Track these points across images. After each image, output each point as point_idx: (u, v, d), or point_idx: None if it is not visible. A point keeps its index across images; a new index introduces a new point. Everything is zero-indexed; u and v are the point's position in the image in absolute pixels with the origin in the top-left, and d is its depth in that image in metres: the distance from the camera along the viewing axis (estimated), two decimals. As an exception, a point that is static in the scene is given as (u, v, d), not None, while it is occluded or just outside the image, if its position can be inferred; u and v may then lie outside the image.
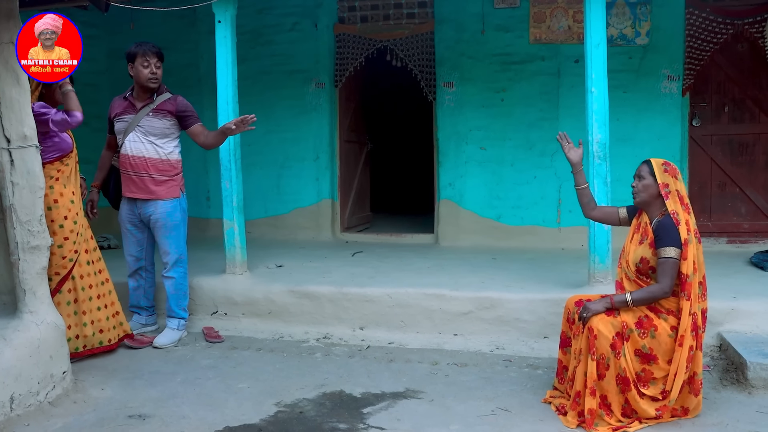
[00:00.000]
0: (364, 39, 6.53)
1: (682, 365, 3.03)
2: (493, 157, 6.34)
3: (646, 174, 3.25)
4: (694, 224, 3.15)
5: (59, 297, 3.96)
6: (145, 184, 4.35)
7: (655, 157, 3.36)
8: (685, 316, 3.04)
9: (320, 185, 6.84)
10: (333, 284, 4.77)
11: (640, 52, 5.95)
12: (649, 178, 3.22)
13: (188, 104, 4.45)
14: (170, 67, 7.04)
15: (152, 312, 4.71)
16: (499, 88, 6.25)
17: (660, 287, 3.09)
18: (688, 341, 3.04)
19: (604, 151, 4.31)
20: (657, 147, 5.90)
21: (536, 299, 4.38)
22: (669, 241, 3.09)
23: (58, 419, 3.24)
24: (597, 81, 4.25)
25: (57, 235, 3.90)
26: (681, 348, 3.04)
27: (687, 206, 3.18)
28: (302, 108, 6.78)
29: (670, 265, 3.07)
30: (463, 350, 4.25)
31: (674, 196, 3.16)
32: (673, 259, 3.07)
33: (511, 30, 6.16)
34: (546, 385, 3.60)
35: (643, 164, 3.31)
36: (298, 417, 3.26)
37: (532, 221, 6.29)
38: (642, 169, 3.30)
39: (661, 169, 3.22)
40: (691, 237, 3.09)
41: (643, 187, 3.24)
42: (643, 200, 3.26)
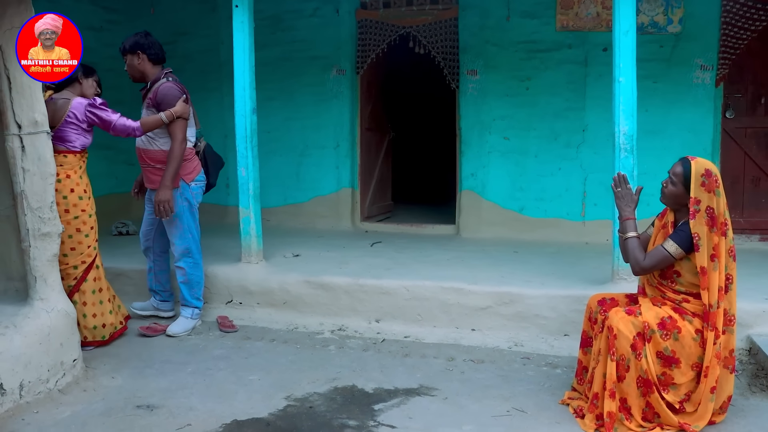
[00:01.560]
0: (386, 25, 6.40)
1: (707, 395, 2.89)
2: (517, 147, 6.18)
3: (678, 181, 2.97)
4: (725, 245, 2.89)
5: (85, 285, 4.01)
6: (147, 174, 4.38)
7: (684, 151, 3.13)
8: (709, 346, 2.88)
9: (340, 173, 6.75)
10: (349, 275, 4.69)
11: (672, 40, 5.73)
12: (679, 187, 2.97)
13: (167, 93, 4.19)
14: (190, 53, 7.07)
15: (166, 298, 4.68)
16: (523, 77, 6.09)
17: (639, 260, 3.05)
18: (714, 371, 2.89)
19: (631, 144, 4.14)
20: (687, 140, 5.70)
21: (557, 295, 4.25)
22: (678, 239, 2.95)
23: (66, 407, 3.21)
24: (625, 70, 4.08)
25: (86, 225, 3.98)
26: (706, 379, 2.89)
27: (722, 225, 2.89)
28: (323, 95, 6.68)
29: (661, 257, 2.98)
30: (480, 346, 4.15)
31: (702, 216, 2.88)
32: (668, 254, 2.96)
33: (537, 16, 5.97)
34: (565, 385, 3.49)
35: (679, 164, 2.99)
36: (307, 412, 3.19)
37: (555, 214, 6.13)
38: (676, 170, 2.99)
39: (699, 182, 2.89)
40: (716, 264, 2.87)
41: (671, 194, 3.02)
42: (669, 204, 3.09)
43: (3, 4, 3.21)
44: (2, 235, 3.52)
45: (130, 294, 4.91)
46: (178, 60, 7.06)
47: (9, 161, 3.31)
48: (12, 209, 3.42)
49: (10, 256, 3.53)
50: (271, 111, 6.69)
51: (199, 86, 6.95)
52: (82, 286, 3.98)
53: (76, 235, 3.94)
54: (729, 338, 2.95)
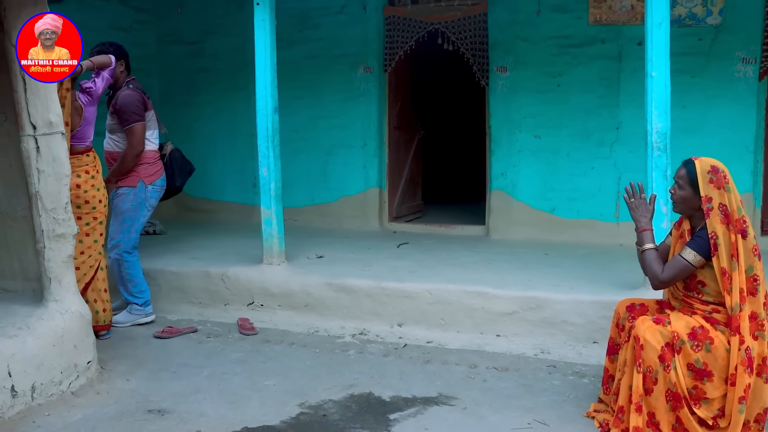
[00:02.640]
0: (414, 21, 6.27)
1: (736, 406, 2.69)
2: (548, 146, 5.99)
3: (685, 183, 2.83)
4: (745, 244, 2.72)
5: (101, 273, 4.20)
6: None
7: (725, 148, 2.94)
8: (734, 352, 2.69)
9: (368, 173, 6.65)
10: (372, 278, 4.58)
11: (712, 32, 5.46)
12: (687, 190, 2.82)
13: (127, 102, 4.34)
14: (218, 52, 7.06)
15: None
16: (555, 73, 5.88)
17: (658, 272, 2.87)
18: (742, 380, 2.68)
19: (664, 142, 3.94)
20: (728, 137, 5.42)
21: (586, 300, 4.07)
22: (697, 246, 2.78)
23: (78, 410, 3.18)
24: (657, 64, 3.88)
25: (103, 215, 4.15)
26: (734, 388, 2.69)
27: (738, 223, 2.72)
28: (350, 93, 6.59)
29: (680, 266, 2.81)
30: (505, 353, 4.00)
31: (716, 213, 2.73)
32: (687, 263, 2.78)
33: (568, 10, 5.76)
34: (591, 396, 3.32)
35: (683, 167, 2.87)
36: (320, 420, 3.09)
37: (588, 215, 5.92)
38: (680, 173, 2.86)
39: (706, 179, 2.76)
40: (735, 264, 2.70)
41: (681, 199, 2.87)
42: (682, 211, 2.92)
43: (19, 4, 3.20)
44: (20, 235, 3.52)
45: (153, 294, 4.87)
46: (207, 59, 7.09)
47: (24, 162, 3.29)
48: (28, 210, 3.41)
49: (28, 257, 3.53)
50: (298, 109, 6.63)
51: (227, 86, 6.97)
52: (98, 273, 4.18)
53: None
54: (762, 345, 2.74)
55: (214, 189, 7.26)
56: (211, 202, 7.28)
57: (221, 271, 4.83)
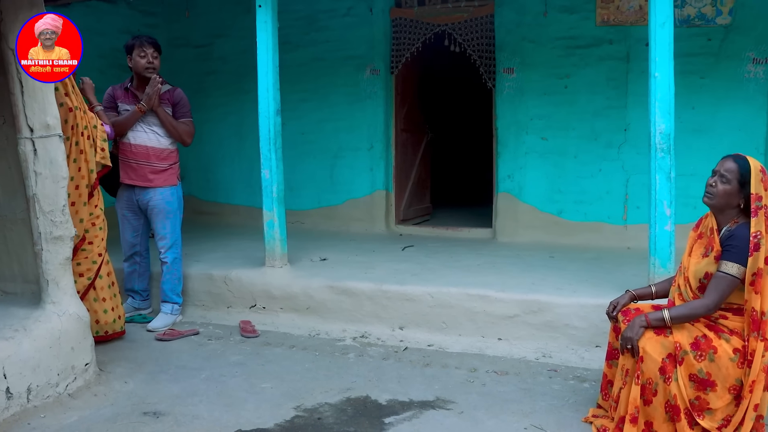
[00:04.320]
0: (421, 23, 6.25)
1: (750, 414, 2.61)
2: (555, 148, 5.93)
3: (733, 177, 2.68)
4: None
5: (100, 282, 4.09)
6: (144, 172, 4.48)
7: (735, 150, 2.81)
8: (757, 360, 2.60)
9: (374, 176, 6.62)
10: (373, 281, 4.55)
11: (721, 32, 5.36)
12: (734, 185, 2.68)
13: (185, 97, 4.60)
14: (226, 55, 7.08)
15: (146, 297, 4.79)
16: (562, 74, 5.83)
17: (704, 303, 2.68)
18: (759, 387, 2.60)
19: (668, 143, 3.88)
20: (738, 139, 5.33)
21: (588, 304, 4.01)
22: (736, 257, 2.63)
23: (74, 412, 3.18)
24: (661, 64, 3.82)
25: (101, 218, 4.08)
26: (751, 395, 2.60)
27: None
28: (357, 95, 6.58)
29: (727, 283, 2.64)
30: (506, 356, 3.95)
31: (763, 214, 2.61)
32: (733, 277, 2.63)
33: (576, 11, 5.70)
34: (591, 401, 3.26)
35: (732, 161, 2.70)
36: (314, 424, 3.07)
37: (596, 217, 5.85)
38: (728, 166, 2.70)
39: (759, 177, 2.63)
40: None
41: (723, 193, 2.70)
42: (718, 205, 2.76)
43: (15, 7, 3.22)
44: (19, 238, 3.54)
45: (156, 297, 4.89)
46: (215, 62, 7.11)
47: (21, 165, 3.31)
48: (27, 212, 3.42)
49: (27, 260, 3.54)
50: (305, 112, 6.63)
51: (235, 88, 6.99)
52: (96, 282, 4.05)
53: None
54: None
55: (222, 192, 7.28)
56: (220, 205, 7.31)
57: (224, 274, 4.83)
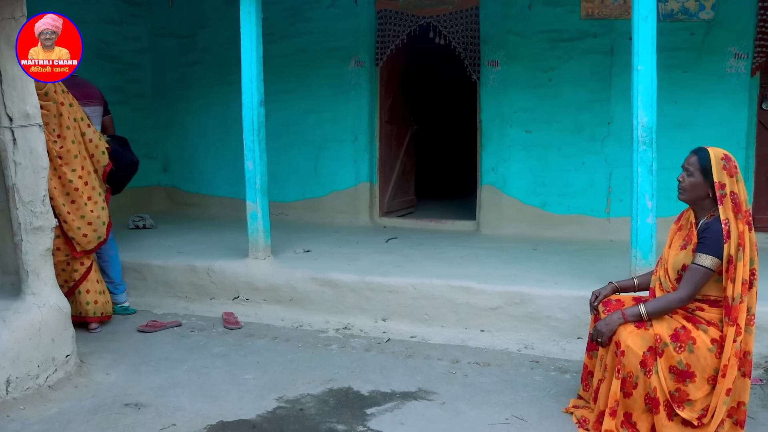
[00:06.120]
0: (406, 15, 6.24)
1: (722, 398, 2.65)
2: (539, 140, 5.95)
3: (695, 169, 2.73)
4: (752, 235, 2.68)
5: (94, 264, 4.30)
6: None
7: (717, 144, 2.85)
8: (728, 344, 2.63)
9: (358, 167, 6.62)
10: (357, 272, 4.56)
11: (704, 27, 5.41)
12: (697, 176, 2.73)
13: None
14: (210, 46, 7.04)
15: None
16: (546, 68, 5.85)
17: (678, 296, 2.71)
18: (732, 372, 2.64)
19: (650, 136, 3.91)
20: (720, 132, 5.38)
21: (570, 296, 4.04)
22: (710, 249, 2.67)
23: (54, 404, 3.16)
24: (644, 57, 3.85)
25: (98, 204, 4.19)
26: (724, 379, 2.64)
27: (747, 214, 2.68)
28: (341, 87, 6.56)
29: (701, 274, 2.67)
30: (488, 348, 3.97)
31: (729, 200, 2.67)
32: (706, 269, 2.66)
33: (560, 4, 5.73)
34: (572, 392, 3.29)
35: (694, 154, 2.78)
36: (296, 414, 3.07)
37: (579, 210, 5.89)
38: (691, 161, 2.77)
39: (720, 165, 2.69)
40: (741, 254, 2.64)
41: (690, 186, 2.76)
42: (689, 199, 2.81)
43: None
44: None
45: (140, 289, 4.89)
46: (198, 53, 7.07)
47: (1, 154, 3.27)
48: (6, 203, 3.39)
49: (6, 250, 3.50)
50: (289, 104, 6.61)
51: (219, 79, 6.95)
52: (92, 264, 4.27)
53: None
54: (747, 338, 2.69)
55: (205, 183, 7.25)
56: (203, 197, 7.27)
57: (207, 265, 4.81)
